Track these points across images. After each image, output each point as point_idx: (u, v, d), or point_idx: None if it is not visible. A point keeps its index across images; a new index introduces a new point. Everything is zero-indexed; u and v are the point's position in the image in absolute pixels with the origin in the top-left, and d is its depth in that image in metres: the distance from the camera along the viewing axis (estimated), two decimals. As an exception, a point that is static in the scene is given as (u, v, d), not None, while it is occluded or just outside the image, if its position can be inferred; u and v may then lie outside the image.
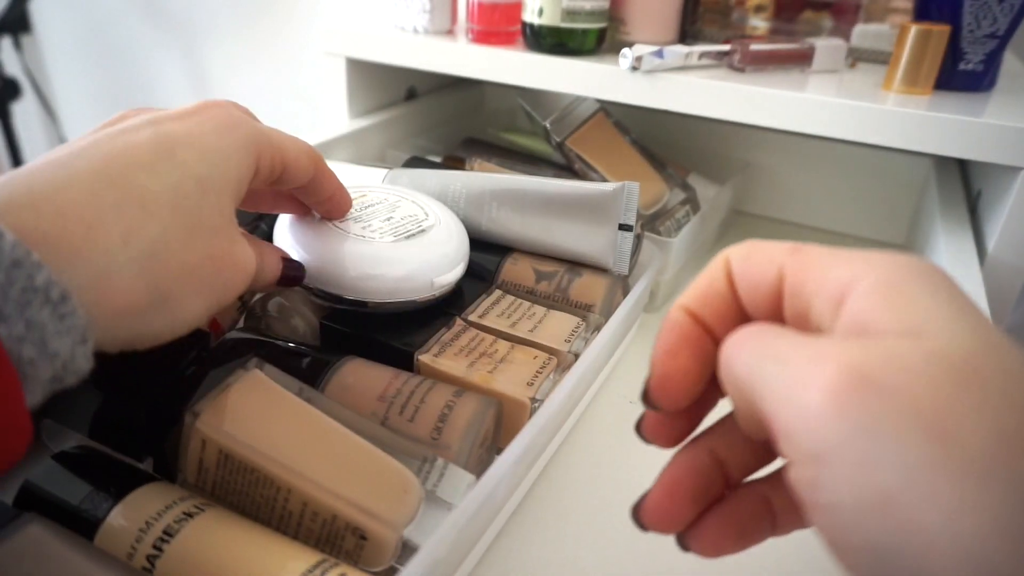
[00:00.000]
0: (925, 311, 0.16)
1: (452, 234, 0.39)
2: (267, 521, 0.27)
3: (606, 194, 0.42)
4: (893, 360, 0.15)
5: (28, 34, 1.38)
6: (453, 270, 0.38)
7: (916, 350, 0.15)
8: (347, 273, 0.35)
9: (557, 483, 0.36)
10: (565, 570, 0.32)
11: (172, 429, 0.27)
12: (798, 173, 0.69)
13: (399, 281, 0.36)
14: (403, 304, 0.36)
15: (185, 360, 0.29)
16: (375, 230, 0.37)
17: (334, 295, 0.35)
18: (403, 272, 0.36)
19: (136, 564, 0.24)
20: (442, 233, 0.39)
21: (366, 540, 0.25)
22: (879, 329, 0.16)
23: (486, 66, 0.55)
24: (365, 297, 0.35)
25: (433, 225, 0.39)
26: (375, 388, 0.32)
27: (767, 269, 0.19)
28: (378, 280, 0.35)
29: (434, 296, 0.37)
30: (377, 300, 0.36)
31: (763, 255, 0.19)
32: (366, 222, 0.37)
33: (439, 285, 0.37)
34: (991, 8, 0.47)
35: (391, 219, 0.38)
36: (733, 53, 0.52)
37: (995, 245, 0.45)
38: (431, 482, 0.28)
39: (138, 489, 0.26)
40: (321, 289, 0.36)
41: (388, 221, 0.38)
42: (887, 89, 0.49)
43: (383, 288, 0.35)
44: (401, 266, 0.36)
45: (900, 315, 0.16)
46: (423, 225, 0.38)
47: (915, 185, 0.65)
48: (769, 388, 0.17)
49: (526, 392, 0.33)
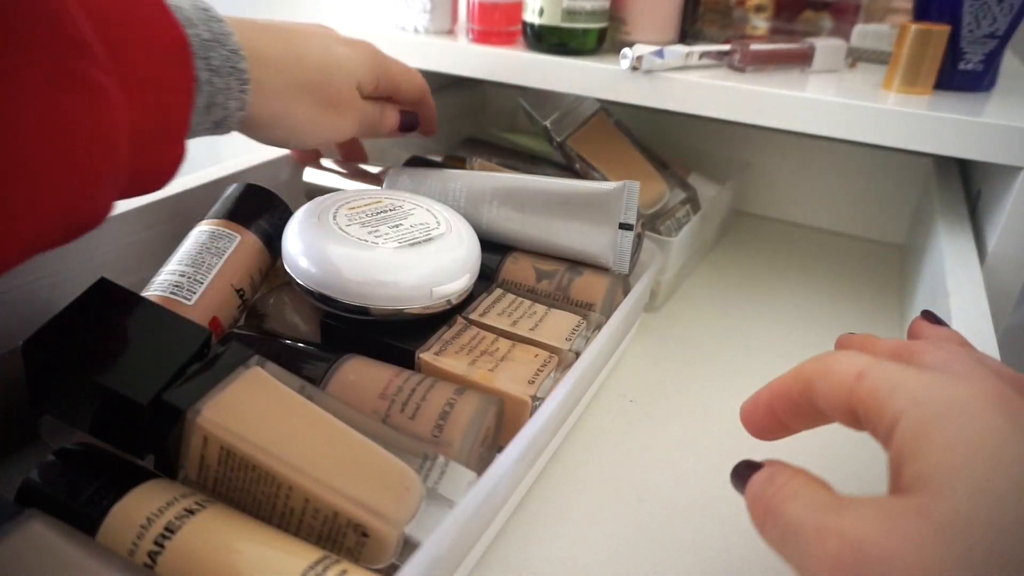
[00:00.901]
0: (936, 462, 0.18)
1: (461, 245, 0.38)
2: (268, 518, 0.27)
3: (607, 193, 0.42)
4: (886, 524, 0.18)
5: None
6: (455, 281, 0.37)
7: (910, 510, 0.18)
8: (344, 277, 0.35)
9: (558, 481, 0.36)
10: (566, 568, 0.32)
11: (173, 426, 0.27)
12: (798, 173, 0.69)
13: (397, 288, 0.35)
14: (405, 312, 0.36)
15: (187, 357, 0.29)
16: (380, 235, 0.37)
17: (333, 299, 0.35)
18: (402, 280, 0.35)
19: (137, 561, 0.24)
20: (450, 243, 0.38)
21: (367, 537, 0.25)
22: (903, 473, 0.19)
23: (486, 66, 0.55)
24: (364, 303, 0.35)
25: (443, 234, 0.38)
26: (376, 386, 0.32)
27: (840, 392, 0.22)
28: (377, 286, 0.35)
29: (438, 305, 0.36)
30: (377, 307, 0.35)
31: (836, 379, 0.23)
32: (374, 228, 0.37)
33: (438, 295, 0.36)
34: (991, 8, 0.47)
35: (400, 226, 0.38)
36: (733, 53, 0.52)
37: (995, 245, 0.45)
38: (432, 480, 0.28)
39: (139, 486, 0.26)
40: (321, 293, 0.35)
41: (396, 228, 0.38)
42: (887, 89, 0.49)
43: (381, 294, 0.35)
44: (400, 274, 0.35)
45: (915, 464, 0.19)
46: (432, 234, 0.38)
47: (915, 185, 0.65)
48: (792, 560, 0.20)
49: (527, 390, 0.33)
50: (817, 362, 0.24)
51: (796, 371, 0.25)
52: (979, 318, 0.36)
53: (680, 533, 0.33)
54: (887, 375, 0.21)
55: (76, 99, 0.24)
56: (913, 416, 0.20)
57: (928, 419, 0.19)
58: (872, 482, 0.37)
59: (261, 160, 0.50)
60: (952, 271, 0.41)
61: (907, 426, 0.20)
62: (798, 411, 0.25)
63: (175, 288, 0.35)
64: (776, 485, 0.22)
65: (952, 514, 0.17)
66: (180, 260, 0.37)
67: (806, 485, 0.21)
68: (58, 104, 0.23)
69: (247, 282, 0.38)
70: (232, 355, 0.29)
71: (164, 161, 0.30)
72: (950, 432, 0.19)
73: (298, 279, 0.36)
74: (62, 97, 0.23)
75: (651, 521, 0.34)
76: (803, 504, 0.21)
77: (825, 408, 0.23)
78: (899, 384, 0.21)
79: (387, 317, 0.36)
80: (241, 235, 0.38)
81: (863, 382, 0.22)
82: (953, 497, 0.17)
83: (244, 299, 0.38)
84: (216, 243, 0.38)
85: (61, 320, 0.29)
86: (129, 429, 0.28)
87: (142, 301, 0.31)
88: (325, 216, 0.37)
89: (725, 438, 0.40)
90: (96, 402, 0.28)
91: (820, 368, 0.24)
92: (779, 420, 0.26)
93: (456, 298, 0.37)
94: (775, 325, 0.52)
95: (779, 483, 0.22)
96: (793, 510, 0.21)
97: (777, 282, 0.59)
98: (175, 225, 0.42)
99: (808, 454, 0.27)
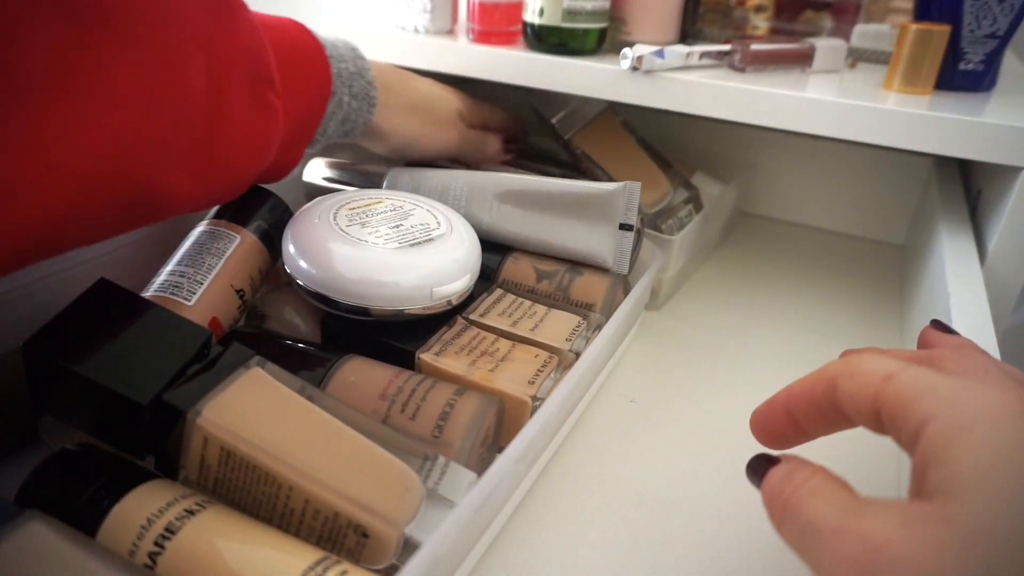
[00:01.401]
0: (962, 469, 0.18)
1: (462, 246, 0.38)
2: (269, 519, 0.27)
3: (607, 193, 0.42)
4: (908, 529, 0.18)
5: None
6: (456, 281, 0.37)
7: (933, 516, 0.18)
8: (345, 277, 0.35)
9: (558, 481, 0.36)
10: (566, 568, 0.32)
11: (174, 426, 0.27)
12: (798, 173, 0.69)
13: (398, 288, 0.35)
14: (405, 313, 0.36)
15: (187, 358, 0.29)
16: (380, 236, 0.37)
17: (333, 300, 0.35)
18: (403, 280, 0.35)
19: (138, 561, 0.24)
20: (450, 244, 0.38)
21: (367, 538, 0.25)
22: (928, 478, 0.19)
23: (487, 66, 0.55)
24: (364, 303, 0.35)
25: (443, 235, 0.38)
26: (376, 386, 0.32)
27: (866, 394, 0.22)
28: (377, 287, 0.35)
29: (438, 306, 0.36)
30: (377, 307, 0.35)
31: (863, 380, 0.22)
32: (374, 228, 0.37)
33: (439, 296, 0.36)
34: (991, 8, 0.47)
35: (400, 227, 0.38)
36: (733, 53, 0.52)
37: (995, 245, 0.45)
38: (432, 480, 0.28)
39: (139, 487, 0.26)
40: (321, 294, 0.35)
41: (396, 228, 0.38)
42: (887, 89, 0.49)
43: (382, 295, 0.35)
44: (400, 274, 0.35)
45: (941, 470, 0.19)
46: (432, 234, 0.38)
47: (915, 185, 0.65)
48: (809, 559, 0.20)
49: (527, 391, 0.33)
50: (844, 362, 0.24)
51: (819, 372, 0.24)
52: (979, 318, 0.36)
53: (680, 533, 0.33)
54: (917, 378, 0.21)
55: (263, 117, 0.34)
56: (942, 421, 0.19)
57: (957, 425, 0.19)
58: (878, 487, 0.37)
59: (261, 160, 0.50)
60: (952, 271, 0.41)
61: (935, 431, 0.19)
62: (819, 413, 0.24)
63: (175, 288, 0.35)
64: (795, 482, 0.22)
65: (974, 522, 0.17)
66: (180, 260, 0.37)
67: (826, 484, 0.21)
68: (253, 121, 0.34)
69: (247, 282, 0.38)
70: (232, 355, 0.29)
71: (291, 161, 0.41)
72: (978, 440, 0.19)
73: (298, 279, 0.36)
74: (255, 115, 0.34)
75: (651, 521, 0.34)
76: (823, 503, 0.20)
77: (849, 409, 0.23)
78: (929, 388, 0.20)
79: (387, 318, 0.36)
80: (241, 235, 0.38)
81: (891, 383, 0.21)
82: (977, 505, 0.17)
83: (244, 299, 0.38)
84: (216, 243, 0.38)
85: (61, 320, 0.29)
86: (129, 430, 0.28)
87: (142, 301, 0.31)
88: (325, 216, 0.37)
89: (726, 438, 0.40)
90: (96, 402, 0.28)
91: (847, 368, 0.23)
92: (796, 424, 0.25)
93: (456, 298, 0.37)
94: (776, 325, 0.52)
95: (798, 480, 0.22)
96: (812, 509, 0.20)
97: (778, 282, 0.59)
98: (175, 225, 0.42)
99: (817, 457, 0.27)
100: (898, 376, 0.21)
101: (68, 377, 0.27)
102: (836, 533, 0.19)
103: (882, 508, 0.19)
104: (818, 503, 0.20)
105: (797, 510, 0.21)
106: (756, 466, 0.24)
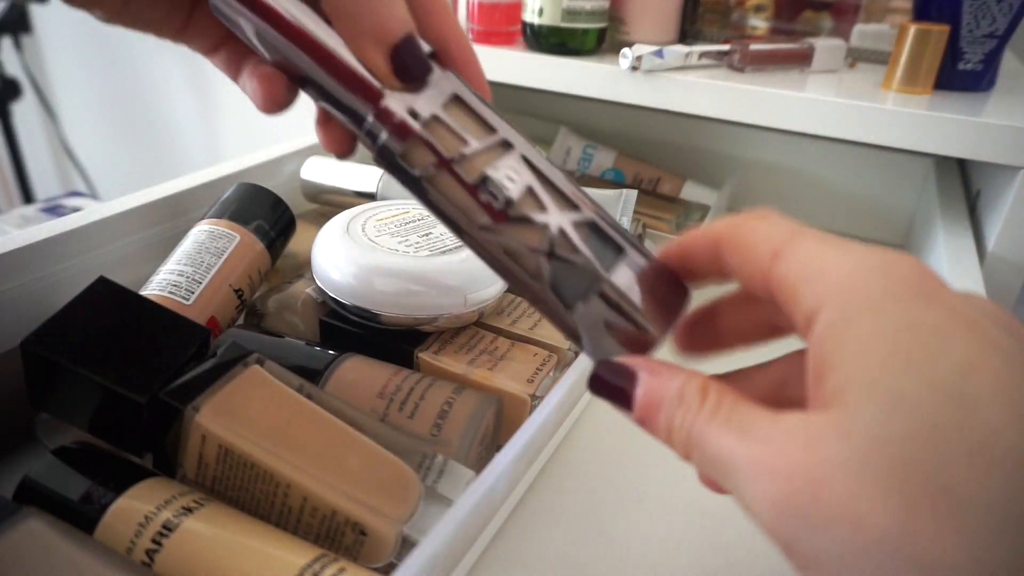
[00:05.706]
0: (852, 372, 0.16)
1: None
2: (267, 516, 0.27)
3: (604, 200, 0.42)
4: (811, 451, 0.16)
5: (28, 34, 1.38)
6: (489, 288, 0.36)
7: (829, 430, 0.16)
8: (378, 288, 0.35)
9: (557, 480, 0.36)
10: (564, 566, 0.32)
11: (172, 424, 0.27)
12: (798, 173, 0.69)
13: (432, 296, 0.35)
14: (440, 321, 0.35)
15: (185, 356, 0.29)
16: (411, 244, 0.37)
17: (370, 312, 0.35)
18: (438, 287, 0.35)
19: (135, 558, 0.24)
20: None
21: (366, 536, 0.25)
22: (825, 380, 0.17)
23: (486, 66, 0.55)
24: (399, 312, 0.35)
25: None
26: (375, 385, 0.32)
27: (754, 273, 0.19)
28: (411, 296, 0.35)
29: (470, 316, 0.36)
30: (412, 316, 0.35)
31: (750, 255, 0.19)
32: (403, 237, 0.37)
33: (472, 302, 0.36)
34: (990, 8, 0.47)
35: (429, 235, 0.38)
36: (733, 53, 0.52)
37: (995, 245, 0.45)
38: (431, 478, 0.28)
39: (137, 484, 0.26)
40: (358, 306, 0.35)
41: (426, 237, 0.38)
42: (887, 89, 0.49)
43: (417, 303, 0.35)
44: (435, 281, 0.35)
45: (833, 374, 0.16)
46: None
47: (915, 185, 0.65)
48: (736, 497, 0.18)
49: (526, 389, 0.33)
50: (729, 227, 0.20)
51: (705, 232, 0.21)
52: (978, 317, 0.36)
53: (680, 533, 0.33)
54: (808, 255, 0.18)
55: None
56: (831, 313, 0.17)
57: (847, 317, 0.17)
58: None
59: (261, 160, 0.50)
60: (952, 271, 0.41)
61: (825, 327, 0.17)
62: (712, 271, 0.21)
63: (173, 287, 0.35)
64: (692, 407, 0.19)
65: (869, 432, 0.15)
66: (179, 260, 0.37)
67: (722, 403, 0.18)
68: None
69: (245, 282, 0.38)
70: (231, 354, 0.29)
71: None
72: (865, 333, 0.16)
73: (332, 294, 0.36)
74: None
75: (651, 521, 0.34)
76: (724, 430, 0.18)
77: (745, 287, 0.20)
78: (817, 271, 0.18)
79: (419, 326, 0.36)
80: (240, 235, 0.38)
81: (779, 264, 0.18)
82: (868, 412, 0.15)
83: (242, 299, 0.38)
84: (215, 243, 0.38)
85: (60, 319, 0.29)
86: (127, 427, 0.28)
87: (141, 300, 0.31)
88: (354, 228, 0.37)
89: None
90: (95, 400, 0.28)
91: (731, 238, 0.20)
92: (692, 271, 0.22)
93: (486, 306, 0.37)
94: (775, 325, 0.52)
95: (692, 403, 0.19)
96: (715, 440, 0.18)
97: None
98: (175, 225, 0.42)
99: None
100: (784, 253, 0.18)
101: (66, 375, 0.27)
102: (749, 469, 0.17)
103: (787, 428, 0.17)
104: (719, 431, 0.18)
105: (701, 443, 0.18)
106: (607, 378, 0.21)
